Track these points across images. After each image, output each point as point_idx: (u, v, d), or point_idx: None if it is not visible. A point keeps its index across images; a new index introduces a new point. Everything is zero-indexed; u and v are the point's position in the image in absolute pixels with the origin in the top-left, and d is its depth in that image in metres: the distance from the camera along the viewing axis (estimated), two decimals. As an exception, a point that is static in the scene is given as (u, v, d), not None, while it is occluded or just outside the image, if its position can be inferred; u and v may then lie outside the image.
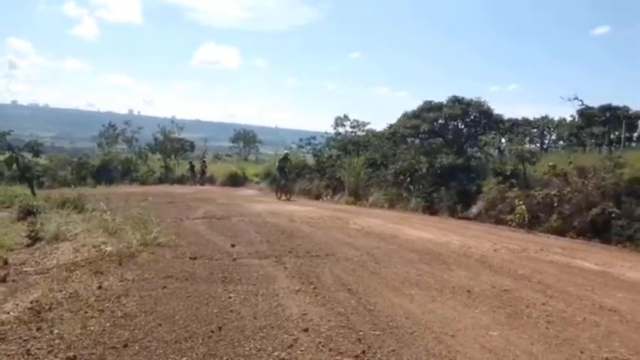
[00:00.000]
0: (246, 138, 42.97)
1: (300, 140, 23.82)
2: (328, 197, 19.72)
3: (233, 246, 7.32)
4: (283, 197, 18.51)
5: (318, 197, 20.32)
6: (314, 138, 22.97)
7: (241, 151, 42.91)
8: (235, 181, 27.41)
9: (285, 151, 20.13)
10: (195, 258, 6.44)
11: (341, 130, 23.53)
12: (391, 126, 17.71)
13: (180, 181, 29.62)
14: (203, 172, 28.77)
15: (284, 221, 10.71)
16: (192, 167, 29.05)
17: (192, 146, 37.20)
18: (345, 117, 23.66)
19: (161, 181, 30.30)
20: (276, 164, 19.47)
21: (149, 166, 32.26)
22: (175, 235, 7.94)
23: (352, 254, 6.69)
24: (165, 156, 33.56)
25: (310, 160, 22.57)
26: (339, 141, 21.91)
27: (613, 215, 9.54)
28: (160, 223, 8.53)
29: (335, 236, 8.44)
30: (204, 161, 30.36)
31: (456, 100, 16.23)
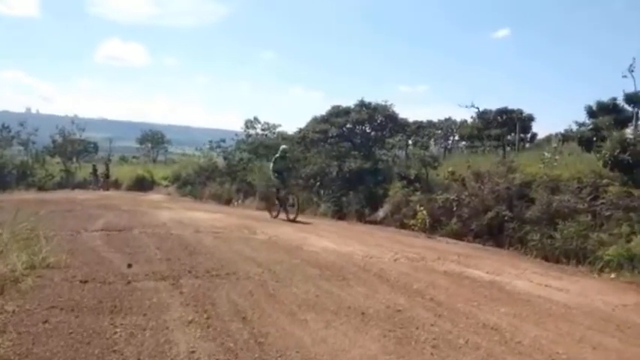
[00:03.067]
0: (154, 139, 41.43)
1: (211, 142, 23.30)
2: (239, 202, 19.47)
3: (130, 266, 6.93)
4: (284, 216, 13.19)
5: (228, 202, 20.00)
6: (224, 140, 22.55)
7: (149, 152, 41.31)
8: (142, 185, 26.37)
9: (283, 146, 14.23)
10: (86, 282, 6.03)
11: (252, 132, 23.27)
12: (301, 130, 17.73)
13: (83, 185, 28.08)
14: (107, 176, 27.39)
15: (189, 232, 10.38)
16: (95, 171, 27.61)
17: (95, 147, 35.34)
18: (256, 119, 23.47)
19: (61, 186, 28.51)
20: (271, 165, 13.80)
21: (47, 170, 30.24)
22: (68, 254, 7.40)
23: (254, 272, 6.56)
24: (65, 159, 31.59)
25: (221, 162, 22.18)
26: (250, 144, 21.67)
27: (506, 218, 10.08)
28: (54, 237, 7.94)
29: (239, 250, 8.27)
30: (107, 164, 28.93)
31: (362, 105, 16.53)
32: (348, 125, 16.45)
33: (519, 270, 6.89)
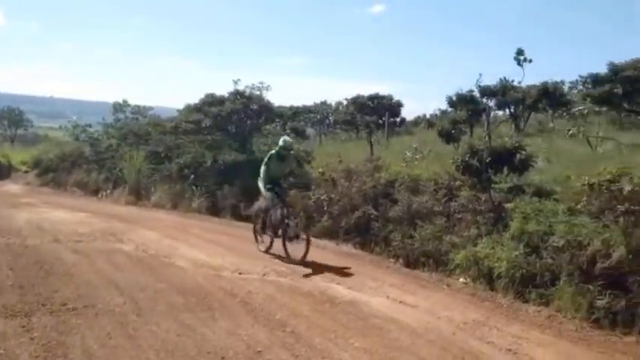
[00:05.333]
0: (11, 116, 37.39)
1: (75, 127, 21.66)
2: (108, 192, 18.43)
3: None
4: (287, 247, 8.78)
5: (96, 192, 18.89)
6: (90, 125, 21.10)
7: (6, 130, 37.35)
8: (-3, 171, 24.04)
9: (285, 138, 9.81)
10: None
11: (121, 116, 22.01)
12: (173, 119, 17.13)
13: None
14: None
15: (47, 242, 9.70)
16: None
17: None
18: (125, 102, 22.18)
19: None
20: (262, 169, 9.37)
21: None
22: None
23: (115, 303, 6.29)
24: None
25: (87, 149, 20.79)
26: (119, 129, 20.50)
27: (372, 217, 10.58)
28: None
29: (101, 269, 7.87)
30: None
31: (237, 94, 16.32)
32: (223, 114, 16.14)
33: (378, 283, 7.29)
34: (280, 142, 9.48)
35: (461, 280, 7.72)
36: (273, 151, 9.53)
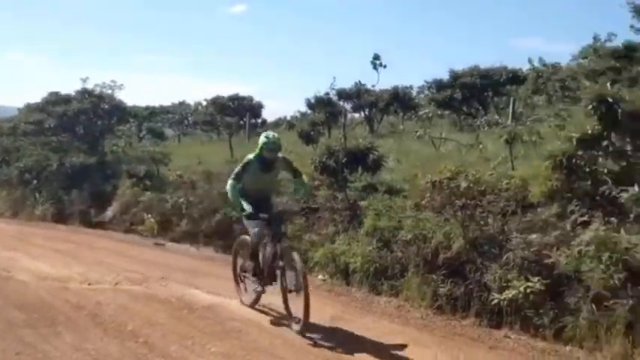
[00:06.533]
0: None
1: None
2: None
3: None
4: (289, 302, 5.74)
5: None
6: None
7: None
8: None
9: (268, 133, 6.16)
10: None
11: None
12: (11, 120, 15.51)
13: None
14: None
15: None
16: None
17: None
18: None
19: None
20: (231, 182, 5.97)
21: None
22: None
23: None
24: None
25: None
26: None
27: (233, 219, 10.44)
28: None
29: None
30: None
31: (85, 93, 15.23)
32: (69, 114, 14.93)
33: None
34: (262, 139, 5.90)
35: (319, 277, 7.91)
36: (251, 156, 6.01)
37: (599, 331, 5.07)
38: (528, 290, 5.61)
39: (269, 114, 25.80)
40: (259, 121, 22.76)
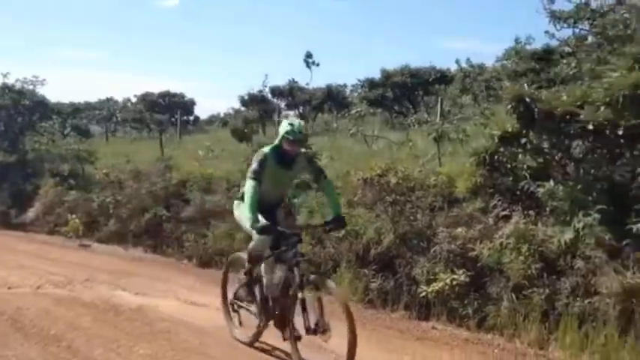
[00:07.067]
0: None
1: None
2: None
3: None
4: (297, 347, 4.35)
5: None
6: None
7: None
8: None
9: (292, 120, 4.55)
10: None
11: None
12: None
13: None
14: None
15: None
16: None
17: None
18: None
19: None
20: (252, 182, 4.32)
21: None
22: None
23: None
24: None
25: None
26: None
27: (163, 218, 10.22)
28: None
29: None
30: None
31: (6, 88, 14.43)
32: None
33: (168, 285, 7.10)
34: (284, 126, 4.46)
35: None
36: (266, 149, 4.57)
37: (518, 319, 5.37)
38: (454, 282, 5.85)
39: (202, 111, 25.40)
40: (191, 118, 22.34)
